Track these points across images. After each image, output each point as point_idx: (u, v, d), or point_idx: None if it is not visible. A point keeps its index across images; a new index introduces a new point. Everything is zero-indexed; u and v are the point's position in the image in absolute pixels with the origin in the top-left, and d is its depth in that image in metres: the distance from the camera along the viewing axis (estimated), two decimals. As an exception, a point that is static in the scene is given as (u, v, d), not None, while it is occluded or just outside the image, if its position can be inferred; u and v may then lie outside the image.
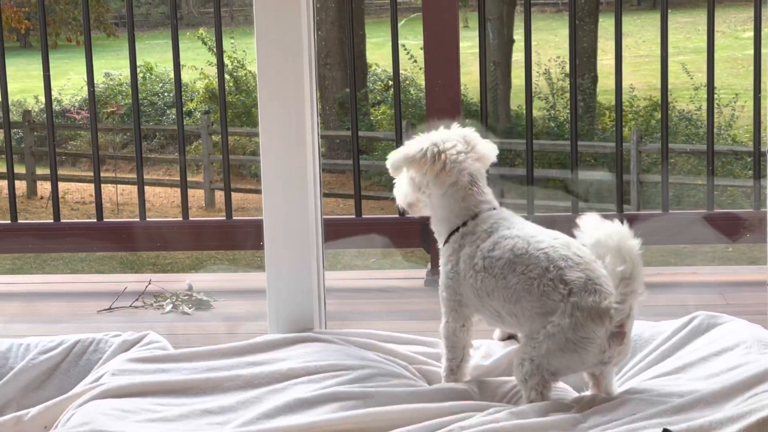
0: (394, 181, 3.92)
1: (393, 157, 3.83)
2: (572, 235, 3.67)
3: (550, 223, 3.85)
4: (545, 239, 3.62)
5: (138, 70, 6.34)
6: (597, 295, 3.51)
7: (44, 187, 14.22)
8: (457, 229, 3.77)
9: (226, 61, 15.30)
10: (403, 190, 3.90)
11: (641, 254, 3.53)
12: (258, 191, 13.57)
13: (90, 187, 13.70)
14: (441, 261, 3.84)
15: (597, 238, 3.52)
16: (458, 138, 3.82)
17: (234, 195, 6.39)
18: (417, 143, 3.80)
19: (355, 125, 6.27)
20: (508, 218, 3.76)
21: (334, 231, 5.18)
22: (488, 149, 3.86)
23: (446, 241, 3.80)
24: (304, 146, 4.24)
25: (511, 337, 4.01)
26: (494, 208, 3.79)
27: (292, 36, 4.20)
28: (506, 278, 3.62)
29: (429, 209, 3.87)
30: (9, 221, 6.24)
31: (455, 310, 3.79)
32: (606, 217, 3.64)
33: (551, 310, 3.55)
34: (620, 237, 3.49)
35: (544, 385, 3.57)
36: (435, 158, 3.75)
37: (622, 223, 3.53)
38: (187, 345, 4.17)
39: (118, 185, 13.64)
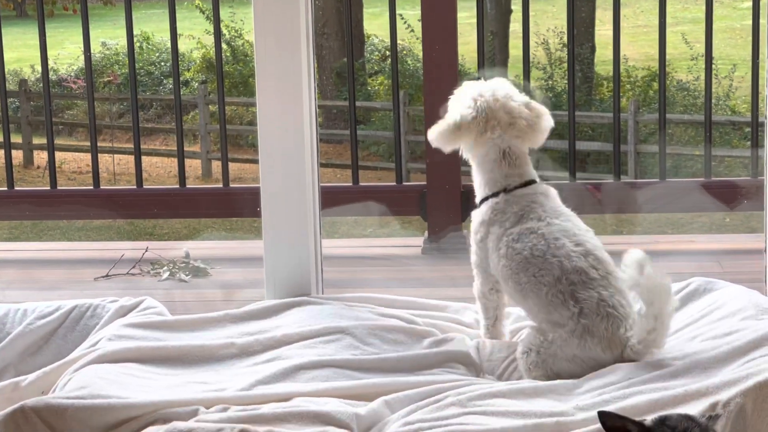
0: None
1: (432, 134, 3.83)
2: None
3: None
4: (566, 245, 3.59)
5: (135, 39, 6.32)
6: (609, 321, 3.49)
7: (41, 157, 14.19)
8: (488, 198, 3.77)
9: (224, 30, 15.25)
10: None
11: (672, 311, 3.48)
12: (255, 161, 13.56)
13: (86, 157, 13.68)
14: (472, 226, 3.84)
15: (637, 284, 3.43)
16: (519, 99, 3.80)
17: (231, 165, 6.39)
18: (454, 113, 3.80)
19: (353, 95, 6.26)
20: (541, 202, 3.71)
21: (331, 198, 5.18)
22: (546, 129, 3.84)
23: (480, 205, 3.80)
24: (301, 113, 4.24)
25: None
26: (530, 182, 3.76)
27: (289, 5, 4.19)
28: (518, 274, 3.63)
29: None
30: (6, 188, 6.23)
31: (483, 274, 3.80)
32: (603, 186, 3.64)
33: (558, 321, 3.54)
34: (662, 297, 3.41)
35: (547, 378, 3.57)
36: (478, 123, 3.75)
37: (664, 274, 3.43)
38: (184, 312, 4.18)
39: (115, 155, 13.61)
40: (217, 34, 6.29)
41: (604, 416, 2.75)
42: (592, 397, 3.28)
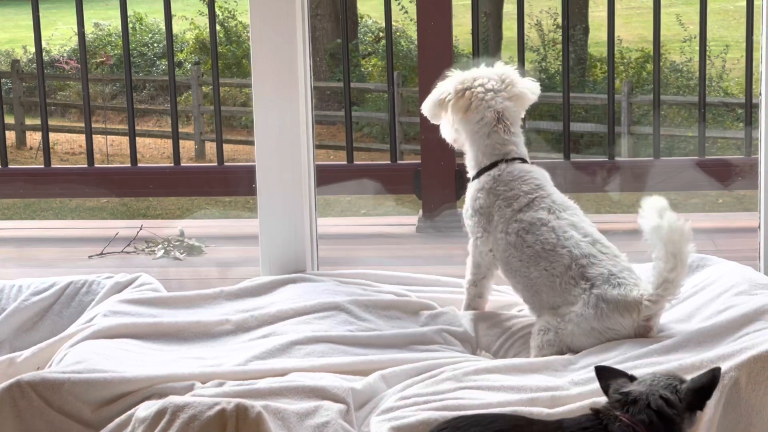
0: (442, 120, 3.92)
1: (426, 105, 3.86)
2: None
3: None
4: (574, 236, 3.61)
5: (128, 20, 6.30)
6: (622, 288, 3.50)
7: (33, 137, 14.16)
8: (487, 169, 3.76)
9: (217, 11, 15.21)
10: (445, 130, 3.92)
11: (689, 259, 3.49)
12: (248, 142, 13.56)
13: (79, 138, 13.65)
14: (467, 194, 3.84)
15: (658, 226, 3.45)
16: (492, 75, 3.81)
17: (225, 146, 6.37)
18: (444, 84, 3.81)
19: (347, 76, 6.25)
20: (546, 188, 3.73)
21: (326, 177, 5.19)
22: (526, 89, 3.84)
23: (476, 178, 3.80)
24: (296, 92, 4.25)
25: None
26: (524, 160, 3.77)
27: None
28: (529, 269, 3.64)
29: (463, 146, 3.89)
30: (0, 166, 6.22)
31: (483, 235, 3.78)
32: (597, 164, 3.65)
33: (572, 302, 3.55)
34: (681, 238, 3.43)
35: (558, 353, 3.57)
36: (460, 95, 3.75)
37: (685, 219, 3.47)
38: (179, 289, 4.18)
39: (108, 136, 13.59)
40: (212, 16, 6.28)
41: (601, 370, 2.81)
42: (587, 372, 3.29)
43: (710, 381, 2.78)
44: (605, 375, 2.85)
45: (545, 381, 3.30)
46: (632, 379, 2.84)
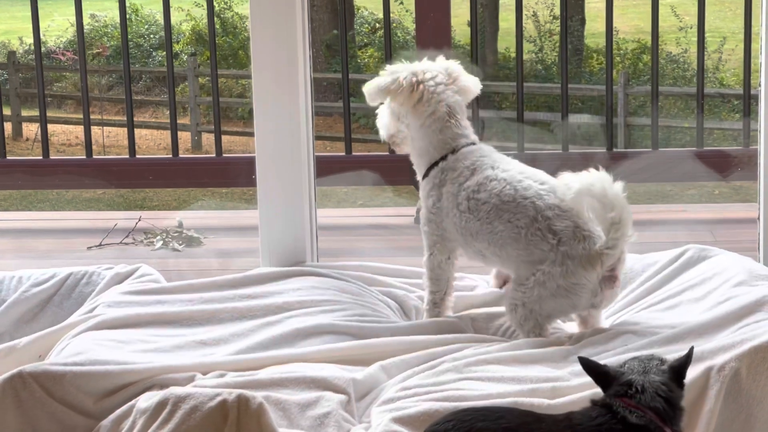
0: (377, 111, 3.91)
1: (369, 87, 3.81)
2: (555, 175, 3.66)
3: (536, 162, 3.85)
4: (532, 185, 3.60)
5: (126, 10, 6.29)
6: (587, 241, 3.52)
7: (30, 129, 14.15)
8: (436, 164, 3.76)
9: (214, 2, 15.19)
10: (384, 121, 3.90)
11: (626, 197, 3.52)
12: (245, 134, 13.57)
13: (75, 129, 13.63)
14: (421, 195, 3.84)
15: (579, 188, 3.50)
16: (440, 69, 3.80)
17: (222, 137, 6.37)
18: (394, 73, 3.78)
19: (346, 66, 6.25)
20: (489, 155, 3.73)
21: (324, 168, 5.18)
22: (471, 83, 3.84)
23: (426, 175, 3.80)
24: (296, 82, 4.25)
25: (507, 283, 4.00)
26: (473, 143, 3.78)
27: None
28: (492, 224, 3.62)
29: (409, 143, 3.86)
30: (-2, 158, 6.22)
31: (438, 243, 3.79)
32: (595, 155, 3.65)
33: (539, 258, 3.56)
34: (603, 183, 3.48)
35: (541, 327, 3.59)
36: (413, 88, 3.74)
37: (598, 169, 3.52)
38: (179, 280, 4.17)
39: (105, 127, 13.57)
40: (210, 8, 6.27)
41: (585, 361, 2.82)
42: (587, 363, 3.29)
43: (688, 359, 2.79)
44: (592, 366, 2.84)
45: (545, 372, 3.31)
46: (617, 369, 2.83)
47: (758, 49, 4.43)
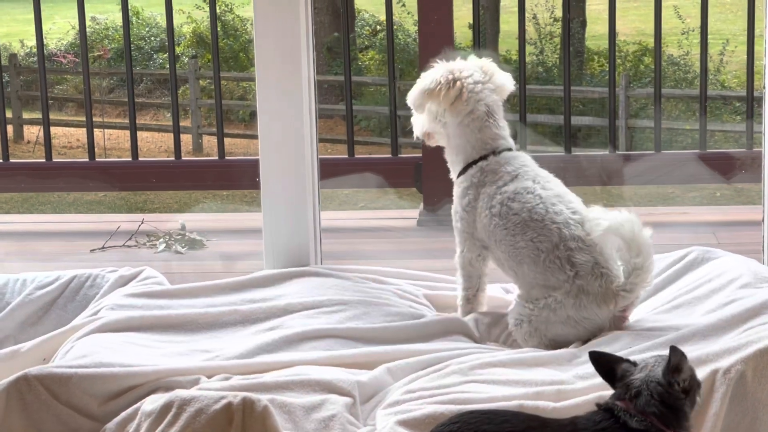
0: (412, 111, 3.90)
1: (411, 94, 3.81)
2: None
3: (540, 163, 3.85)
4: (564, 211, 3.60)
5: (128, 12, 6.30)
6: (604, 279, 3.52)
7: (31, 132, 14.15)
8: (475, 162, 3.75)
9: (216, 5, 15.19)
10: (419, 120, 3.89)
11: (652, 244, 3.53)
12: (246, 136, 13.58)
13: (76, 132, 13.64)
14: (456, 192, 3.82)
15: (608, 226, 3.50)
16: (475, 68, 3.80)
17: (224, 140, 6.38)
18: (432, 74, 3.78)
19: (348, 69, 6.25)
20: (531, 165, 3.73)
21: (327, 171, 5.18)
22: (506, 80, 3.84)
23: (462, 173, 3.79)
24: (300, 85, 4.25)
25: None
26: (511, 149, 3.78)
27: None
28: (515, 237, 3.63)
29: (444, 140, 3.85)
30: (1, 160, 6.22)
31: (469, 241, 3.79)
32: (599, 158, 3.65)
33: (553, 285, 3.56)
34: (633, 226, 3.48)
35: (545, 345, 3.59)
36: (450, 86, 3.73)
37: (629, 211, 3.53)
38: (183, 282, 4.17)
39: (105, 129, 13.58)
40: (213, 10, 6.27)
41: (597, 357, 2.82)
42: (592, 366, 3.29)
43: (670, 359, 2.76)
44: (602, 362, 2.84)
45: (550, 375, 3.30)
46: (634, 364, 2.82)
47: (760, 51, 4.43)
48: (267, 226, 4.32)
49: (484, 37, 14.35)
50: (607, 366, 2.83)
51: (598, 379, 3.15)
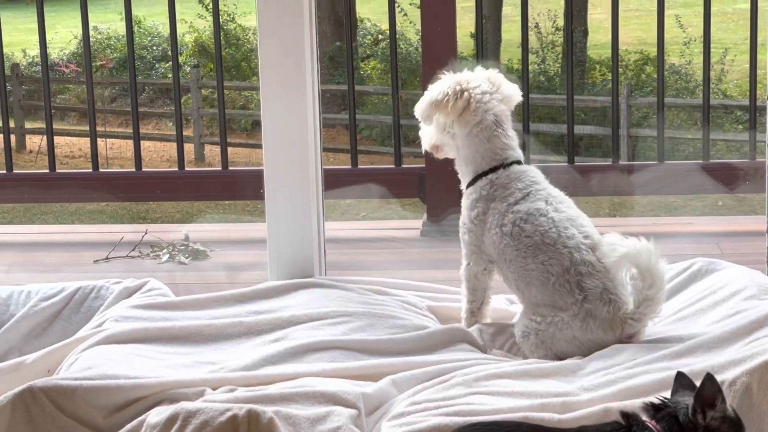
0: (420, 124, 3.90)
1: (419, 106, 3.81)
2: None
3: (543, 173, 3.84)
4: (576, 236, 3.61)
5: (132, 21, 6.31)
6: (612, 305, 3.53)
7: (33, 141, 14.17)
8: (485, 174, 3.75)
9: (219, 14, 15.20)
10: (427, 132, 3.89)
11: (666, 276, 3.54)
12: (248, 145, 13.58)
13: (78, 141, 13.65)
14: (464, 203, 3.82)
15: (625, 253, 3.50)
16: (483, 78, 3.80)
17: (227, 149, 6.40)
18: (440, 85, 3.79)
19: (351, 78, 6.26)
20: (542, 182, 3.73)
21: (330, 181, 5.19)
22: (513, 90, 3.84)
23: (471, 184, 3.79)
24: (304, 95, 4.25)
25: None
26: (521, 162, 3.78)
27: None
28: (526, 259, 3.63)
29: (453, 151, 3.86)
30: (4, 171, 6.23)
31: (476, 254, 3.79)
32: (602, 168, 3.65)
33: (561, 306, 3.57)
34: (650, 256, 3.49)
35: (551, 357, 3.59)
36: (458, 97, 3.73)
37: (648, 240, 3.53)
38: (187, 294, 4.18)
39: (108, 139, 13.60)
40: (216, 20, 6.29)
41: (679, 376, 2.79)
42: (597, 378, 3.30)
43: (705, 386, 2.71)
44: (680, 381, 2.80)
45: (555, 386, 3.30)
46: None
47: (762, 60, 4.43)
48: (271, 237, 4.32)
49: (486, 47, 14.36)
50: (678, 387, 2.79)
51: (603, 391, 3.16)
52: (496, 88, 3.80)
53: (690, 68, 13.78)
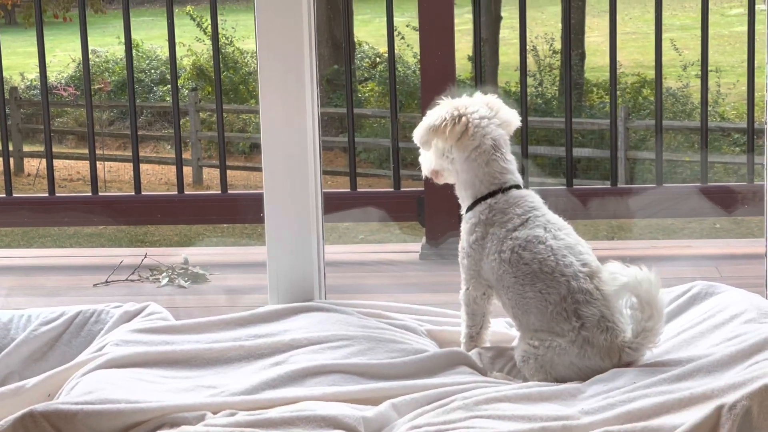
0: (420, 150, 3.91)
1: (418, 131, 3.82)
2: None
3: (541, 196, 3.85)
4: (574, 264, 3.61)
5: (124, 47, 6.34)
6: (609, 333, 3.53)
7: (31, 164, 14.18)
8: (484, 198, 3.76)
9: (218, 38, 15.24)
10: (427, 158, 3.90)
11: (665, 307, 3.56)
12: (246, 168, 13.60)
13: (76, 164, 13.66)
14: (463, 227, 3.83)
15: (626, 283, 3.51)
16: (481, 104, 3.82)
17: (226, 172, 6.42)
18: (438, 111, 3.80)
19: (350, 102, 6.28)
20: (540, 208, 3.74)
21: (330, 204, 5.20)
22: (511, 116, 3.85)
23: (470, 208, 3.80)
24: (304, 119, 4.26)
25: None
26: (519, 186, 3.79)
27: (291, 12, 4.21)
28: (524, 287, 3.63)
29: (453, 176, 3.87)
30: (4, 195, 6.24)
31: (475, 278, 3.80)
32: (600, 191, 3.65)
33: (558, 333, 3.58)
34: (651, 287, 3.49)
35: (551, 380, 3.60)
36: (456, 121, 3.75)
37: (649, 269, 3.53)
38: (186, 317, 4.18)
39: (105, 162, 13.61)
40: (215, 43, 6.31)
41: None
42: (597, 401, 3.30)
43: None
44: None
45: (556, 410, 3.30)
46: None
47: (760, 83, 4.45)
48: (271, 261, 4.33)
49: (484, 70, 14.40)
50: None
51: (603, 414, 3.16)
52: (494, 113, 3.81)
53: (687, 91, 13.82)
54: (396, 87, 6.35)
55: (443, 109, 3.79)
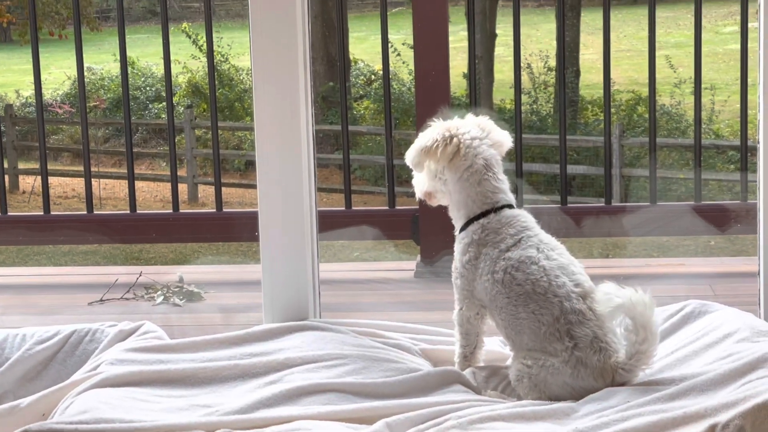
0: (413, 172, 3.93)
1: (410, 153, 3.84)
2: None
3: (535, 215, 3.86)
4: (566, 284, 3.62)
5: (119, 64, 6.35)
6: (602, 353, 3.54)
7: (26, 182, 14.18)
8: (477, 218, 3.77)
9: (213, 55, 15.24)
10: (420, 180, 3.91)
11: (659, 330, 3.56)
12: (242, 185, 13.60)
13: (72, 182, 13.66)
14: (456, 248, 3.84)
15: (621, 304, 3.51)
16: (473, 125, 3.84)
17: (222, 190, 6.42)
18: (429, 133, 3.82)
19: (345, 119, 6.27)
20: (533, 228, 3.75)
21: (325, 222, 5.21)
22: (503, 137, 3.87)
23: (463, 228, 3.81)
24: (299, 137, 4.27)
25: None
26: (511, 205, 3.80)
27: (286, 30, 4.23)
28: (517, 308, 3.64)
29: (446, 197, 3.88)
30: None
31: (469, 298, 3.81)
32: (594, 210, 3.65)
33: (551, 353, 3.58)
34: (646, 310, 3.49)
35: (546, 399, 3.60)
36: (447, 143, 3.76)
37: (644, 291, 3.54)
38: (181, 336, 4.18)
39: (101, 179, 13.62)
40: (211, 60, 6.32)
41: None
42: (591, 420, 3.30)
43: None
44: None
45: (550, 429, 3.31)
46: None
47: (753, 100, 4.46)
48: (266, 279, 4.33)
49: (479, 87, 14.42)
50: None
51: (597, 433, 3.17)
52: (485, 133, 3.83)
53: (680, 109, 13.85)
54: (391, 104, 6.36)
55: (435, 130, 3.81)
